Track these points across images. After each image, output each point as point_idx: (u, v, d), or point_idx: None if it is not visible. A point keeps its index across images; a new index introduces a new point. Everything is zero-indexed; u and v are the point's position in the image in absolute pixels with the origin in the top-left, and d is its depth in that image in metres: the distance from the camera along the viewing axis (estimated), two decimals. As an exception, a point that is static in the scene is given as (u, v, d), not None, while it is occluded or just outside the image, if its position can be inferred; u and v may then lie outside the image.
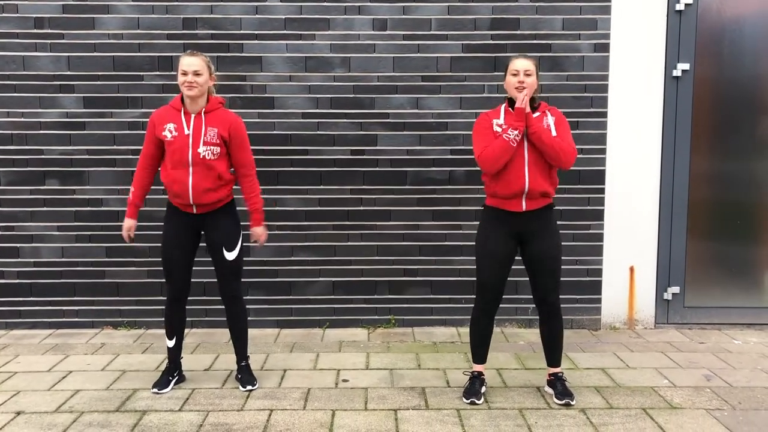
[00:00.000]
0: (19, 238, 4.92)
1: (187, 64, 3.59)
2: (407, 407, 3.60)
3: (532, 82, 3.49)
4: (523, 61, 3.51)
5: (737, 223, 5.02)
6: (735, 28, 4.89)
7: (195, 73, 3.58)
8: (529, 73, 3.49)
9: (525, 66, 3.49)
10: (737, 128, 4.97)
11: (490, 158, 3.47)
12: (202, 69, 3.60)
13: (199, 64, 3.60)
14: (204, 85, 3.63)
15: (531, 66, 3.50)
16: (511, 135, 3.44)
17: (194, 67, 3.58)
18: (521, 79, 3.47)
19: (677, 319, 5.06)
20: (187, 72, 3.58)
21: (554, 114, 3.59)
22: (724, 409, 3.60)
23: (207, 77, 3.64)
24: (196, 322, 4.97)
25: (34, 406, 3.61)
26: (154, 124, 3.70)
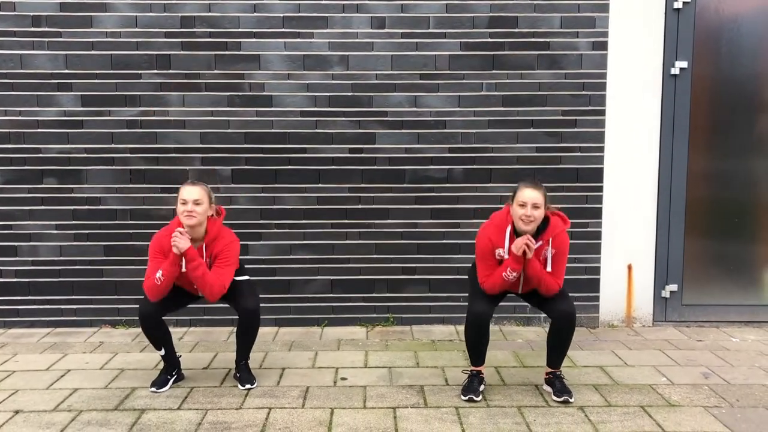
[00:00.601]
0: (18, 236, 4.91)
1: (187, 194, 3.61)
2: (406, 405, 3.61)
3: (539, 214, 3.48)
4: (533, 193, 3.47)
5: (735, 221, 5.03)
6: (733, 26, 4.89)
7: (195, 202, 3.60)
8: (537, 206, 3.47)
9: (533, 199, 3.46)
10: (735, 126, 4.97)
11: (491, 288, 3.64)
12: (202, 198, 3.62)
13: (200, 193, 3.62)
14: (203, 214, 3.64)
15: (540, 199, 3.47)
16: (510, 276, 3.56)
17: (194, 197, 3.60)
18: (528, 213, 3.46)
19: (675, 317, 5.07)
20: (186, 201, 3.59)
21: (556, 245, 3.58)
22: (722, 406, 3.60)
23: (207, 206, 3.65)
24: (194, 321, 4.97)
25: (32, 405, 3.61)
26: (161, 248, 3.65)
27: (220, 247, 3.71)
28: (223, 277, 3.68)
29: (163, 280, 3.58)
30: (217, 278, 3.66)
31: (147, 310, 3.69)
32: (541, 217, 3.51)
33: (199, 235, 3.68)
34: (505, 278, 3.57)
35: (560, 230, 3.59)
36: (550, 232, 3.57)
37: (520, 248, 3.47)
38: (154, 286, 3.60)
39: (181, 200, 3.61)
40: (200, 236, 3.69)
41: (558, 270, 3.62)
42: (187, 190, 3.64)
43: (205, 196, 3.65)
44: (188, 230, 3.62)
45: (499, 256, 3.61)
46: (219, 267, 3.69)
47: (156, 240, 3.70)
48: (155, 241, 3.70)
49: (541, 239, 3.57)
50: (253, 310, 3.79)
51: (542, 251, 3.58)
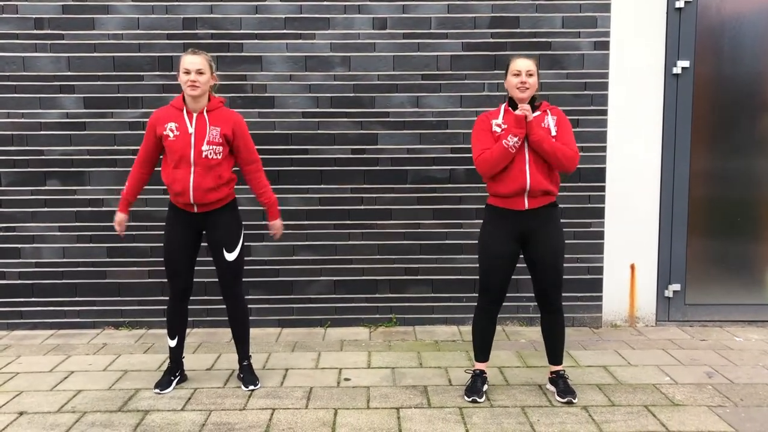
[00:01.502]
0: (21, 238, 4.92)
1: (190, 63, 3.58)
2: (409, 406, 3.61)
3: (534, 82, 3.49)
4: (525, 61, 3.49)
5: (738, 220, 5.03)
6: (735, 25, 4.89)
7: (198, 71, 3.57)
8: (531, 73, 3.48)
9: (527, 66, 3.48)
10: (737, 125, 4.97)
11: (487, 162, 3.48)
12: (204, 68, 3.60)
13: (202, 62, 3.60)
14: (206, 84, 3.62)
15: (533, 66, 3.50)
16: (510, 142, 3.43)
17: (197, 66, 3.57)
18: (523, 79, 3.46)
19: (678, 317, 5.06)
20: (189, 71, 3.57)
21: (555, 114, 3.57)
22: (726, 406, 3.60)
23: (209, 76, 3.63)
24: (197, 322, 4.97)
25: (36, 407, 3.62)
26: (154, 124, 3.69)
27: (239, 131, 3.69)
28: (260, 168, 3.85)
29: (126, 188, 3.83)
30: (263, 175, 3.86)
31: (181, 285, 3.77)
32: (536, 84, 3.50)
33: (200, 106, 3.65)
34: (506, 146, 3.41)
35: (553, 106, 3.60)
36: (545, 105, 3.58)
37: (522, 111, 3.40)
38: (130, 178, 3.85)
39: (184, 70, 3.58)
40: (201, 106, 3.66)
41: (566, 135, 3.50)
42: (189, 59, 3.60)
43: (207, 66, 3.62)
44: (190, 100, 3.62)
45: (497, 126, 3.53)
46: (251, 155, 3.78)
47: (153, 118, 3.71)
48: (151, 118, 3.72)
49: (537, 111, 3.54)
50: (233, 294, 3.82)
51: (543, 119, 3.52)
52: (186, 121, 3.63)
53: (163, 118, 3.67)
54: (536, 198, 3.54)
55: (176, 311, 3.85)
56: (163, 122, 3.66)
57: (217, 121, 3.66)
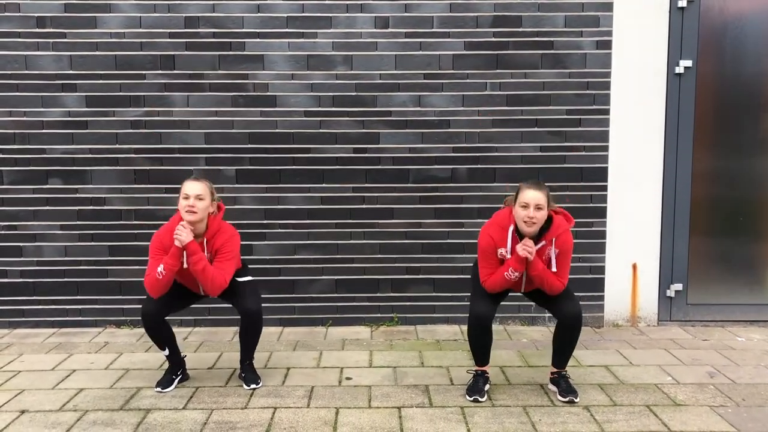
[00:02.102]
0: (22, 237, 4.92)
1: (190, 189, 3.61)
2: (411, 405, 3.60)
3: (542, 216, 3.46)
4: (536, 194, 3.44)
5: (740, 220, 5.02)
6: (738, 25, 4.88)
7: (197, 197, 3.60)
8: (540, 207, 3.44)
9: (536, 200, 3.43)
10: (740, 125, 4.96)
11: (492, 287, 3.64)
12: (204, 194, 3.62)
13: (202, 189, 3.62)
14: (204, 210, 3.64)
15: (543, 199, 3.44)
16: (512, 276, 3.55)
17: (196, 192, 3.60)
18: (531, 214, 3.44)
19: (680, 317, 5.06)
20: (189, 196, 3.59)
21: (559, 244, 3.56)
22: (728, 405, 3.60)
23: (208, 202, 3.65)
24: (199, 321, 4.98)
25: (38, 405, 3.62)
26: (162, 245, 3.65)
27: (220, 242, 3.72)
28: (224, 272, 3.68)
29: (164, 274, 3.58)
30: (219, 272, 3.66)
31: (149, 309, 3.69)
32: (544, 218, 3.49)
33: (200, 231, 3.69)
34: (507, 278, 3.56)
35: (564, 230, 3.57)
36: (554, 231, 3.55)
37: (523, 252, 3.47)
38: (156, 281, 3.60)
39: (184, 195, 3.62)
40: (201, 232, 3.69)
41: (562, 270, 3.60)
42: (190, 185, 3.64)
43: (207, 192, 3.66)
44: (189, 226, 3.63)
45: (501, 256, 3.60)
46: (220, 261, 3.70)
47: (157, 237, 3.71)
48: (156, 239, 3.70)
49: (544, 239, 3.55)
50: (254, 311, 3.79)
51: (545, 251, 3.57)
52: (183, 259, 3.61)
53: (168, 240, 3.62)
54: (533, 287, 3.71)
55: (152, 329, 3.74)
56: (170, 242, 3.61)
57: (215, 244, 3.71)
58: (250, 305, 3.79)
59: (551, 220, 3.57)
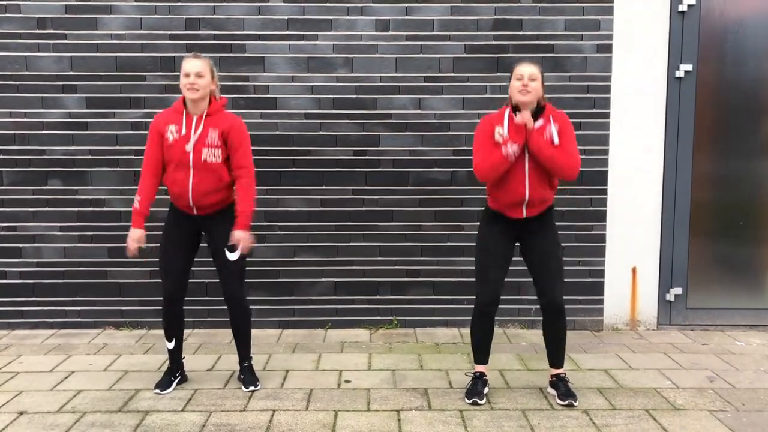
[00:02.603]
0: (22, 238, 4.92)
1: (190, 67, 3.58)
2: (410, 408, 3.60)
3: (536, 87, 3.47)
4: (529, 66, 3.49)
5: (740, 224, 5.02)
6: (738, 29, 4.88)
7: (197, 75, 3.57)
8: (534, 78, 3.46)
9: (530, 71, 3.47)
10: (740, 129, 4.96)
11: (486, 170, 3.49)
12: (204, 71, 3.59)
13: (202, 66, 3.59)
14: (206, 87, 3.61)
15: (536, 71, 3.48)
16: (510, 150, 3.43)
17: (196, 69, 3.57)
18: (525, 82, 3.45)
19: (680, 321, 5.05)
20: (189, 74, 3.57)
21: (558, 121, 3.53)
22: (727, 410, 3.59)
23: (209, 80, 3.63)
24: (198, 323, 4.97)
25: (36, 407, 3.61)
26: (157, 127, 3.68)
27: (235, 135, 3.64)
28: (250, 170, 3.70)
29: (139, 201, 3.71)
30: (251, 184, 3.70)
31: (170, 287, 3.72)
32: (538, 90, 3.48)
33: (200, 110, 3.64)
34: (506, 154, 3.42)
35: (558, 111, 3.58)
36: (549, 111, 3.55)
37: (521, 118, 3.40)
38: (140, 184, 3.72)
39: (184, 73, 3.58)
40: (201, 111, 3.64)
41: (569, 144, 3.47)
42: (190, 62, 3.59)
43: (207, 70, 3.61)
44: (190, 104, 3.61)
45: (498, 135, 3.49)
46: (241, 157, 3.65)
47: (154, 120, 3.70)
48: (153, 122, 3.69)
49: (541, 118, 3.52)
50: (235, 296, 3.78)
51: (546, 128, 3.50)
52: (184, 124, 3.63)
53: (164, 121, 3.67)
54: (534, 207, 3.57)
55: (170, 313, 3.82)
56: (165, 125, 3.66)
57: (216, 124, 3.65)
58: (231, 288, 3.77)
59: (543, 108, 3.55)
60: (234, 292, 3.80)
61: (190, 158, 3.62)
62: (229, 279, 3.79)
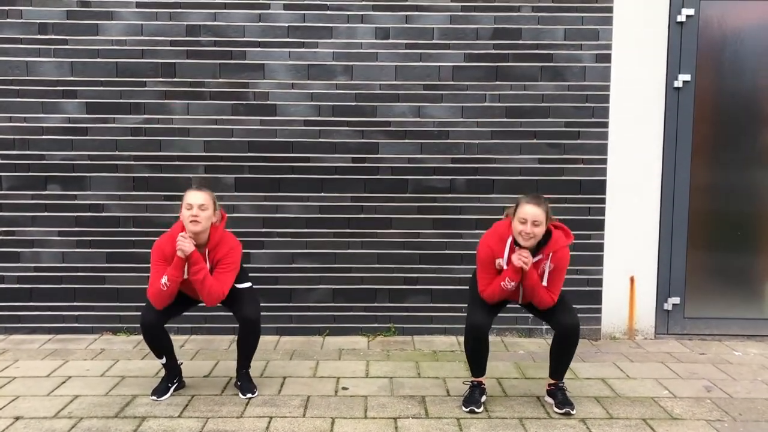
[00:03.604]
0: (20, 242, 4.91)
1: (193, 199, 3.60)
2: (407, 416, 3.59)
3: (539, 232, 3.48)
4: (534, 210, 3.45)
5: (738, 234, 5.03)
6: (736, 39, 4.91)
7: (200, 207, 3.59)
8: (538, 224, 3.46)
9: (534, 216, 3.45)
10: (738, 139, 4.98)
11: (490, 297, 3.65)
12: (207, 204, 3.62)
13: (205, 198, 3.62)
14: (208, 219, 3.63)
15: (541, 216, 3.46)
16: (509, 285, 3.57)
17: (200, 202, 3.59)
18: (528, 230, 3.46)
19: (677, 330, 5.05)
20: (192, 206, 3.58)
21: (555, 261, 3.58)
22: (724, 420, 3.59)
23: (211, 212, 3.64)
24: (195, 329, 4.96)
25: (33, 412, 3.60)
26: (164, 254, 3.65)
27: (222, 252, 3.71)
28: (223, 284, 3.67)
29: (168, 285, 3.58)
30: (218, 284, 3.65)
31: (149, 319, 3.67)
32: (542, 233, 3.50)
33: (202, 241, 3.67)
34: (504, 287, 3.57)
35: (561, 246, 3.57)
36: (551, 246, 3.56)
37: (518, 262, 3.49)
38: (160, 292, 3.60)
39: (187, 205, 3.61)
40: (203, 242, 3.68)
41: (554, 285, 3.61)
42: (193, 195, 3.63)
43: (210, 202, 3.65)
44: (192, 236, 3.62)
45: (498, 266, 3.61)
46: (220, 273, 3.69)
47: (157, 246, 3.70)
48: (157, 248, 3.69)
49: (541, 253, 3.56)
50: (253, 319, 3.79)
51: (541, 265, 3.58)
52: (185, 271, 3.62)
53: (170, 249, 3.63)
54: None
55: (151, 337, 3.72)
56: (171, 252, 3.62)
57: (218, 253, 3.70)
58: (249, 313, 3.78)
59: (550, 234, 3.57)
60: (251, 314, 3.78)
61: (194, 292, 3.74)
62: (246, 303, 3.80)
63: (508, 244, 3.58)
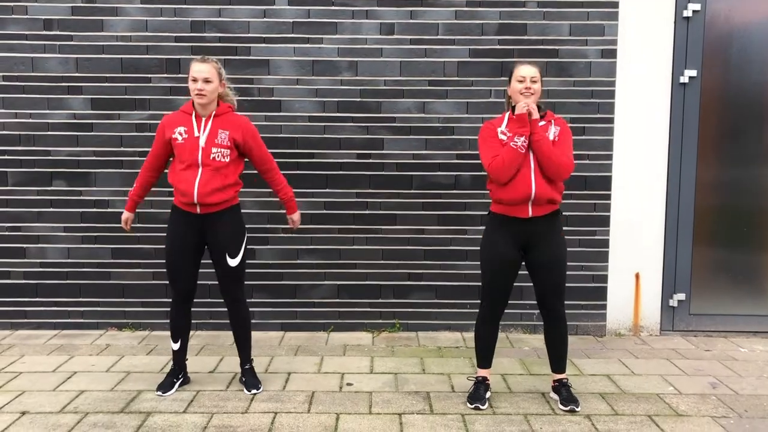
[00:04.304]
0: (26, 238, 4.93)
1: (197, 71, 3.61)
2: (412, 411, 3.60)
3: (538, 88, 3.52)
4: (530, 68, 3.53)
5: (744, 230, 5.01)
6: (743, 35, 4.88)
7: (205, 80, 3.60)
8: (535, 80, 3.51)
9: (531, 73, 3.51)
10: (744, 135, 4.96)
11: (500, 167, 3.46)
12: (212, 76, 3.62)
13: (209, 71, 3.62)
14: (213, 92, 3.65)
15: (537, 73, 3.53)
16: (518, 142, 3.44)
17: (204, 74, 3.60)
18: (528, 85, 3.49)
19: (683, 326, 5.04)
20: (197, 79, 3.60)
21: (558, 124, 3.59)
22: (730, 417, 3.58)
23: (217, 84, 3.66)
24: (200, 324, 4.97)
25: (38, 407, 3.62)
26: (164, 128, 3.74)
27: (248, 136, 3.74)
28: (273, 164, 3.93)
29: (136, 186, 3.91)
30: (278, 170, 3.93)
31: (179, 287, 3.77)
32: (540, 91, 3.53)
33: (208, 111, 3.69)
34: (515, 147, 3.43)
35: (558, 116, 3.63)
36: (550, 115, 3.60)
37: (524, 107, 3.44)
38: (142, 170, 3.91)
39: (192, 77, 3.62)
40: (210, 112, 3.70)
41: (565, 147, 3.54)
42: (197, 67, 3.62)
43: (215, 74, 3.64)
44: (199, 106, 3.66)
45: (501, 133, 3.54)
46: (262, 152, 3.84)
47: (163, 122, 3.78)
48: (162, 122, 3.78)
49: (543, 120, 3.55)
50: (235, 299, 3.83)
51: (548, 128, 3.54)
52: (194, 125, 3.67)
53: (172, 123, 3.72)
54: (540, 206, 3.54)
55: (179, 314, 3.86)
56: (173, 126, 3.70)
57: (225, 125, 3.69)
58: (231, 292, 3.82)
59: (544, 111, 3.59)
60: (235, 295, 3.83)
61: (199, 157, 3.64)
62: (231, 284, 3.81)
63: (506, 116, 3.60)
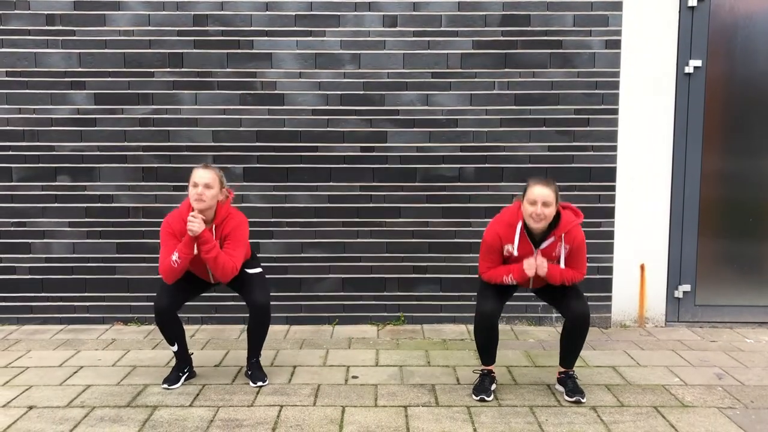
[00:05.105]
0: (31, 233, 4.94)
1: (199, 177, 3.63)
2: (417, 404, 3.60)
3: (549, 213, 3.44)
4: (542, 189, 3.42)
5: (749, 221, 4.99)
6: (748, 24, 4.85)
7: (206, 186, 3.62)
8: (548, 204, 3.42)
9: (544, 197, 3.41)
10: (749, 126, 4.93)
11: (488, 280, 3.65)
12: (213, 183, 3.64)
13: (211, 177, 3.64)
14: (213, 198, 3.66)
15: (550, 196, 3.42)
16: (509, 281, 3.59)
17: (205, 181, 3.62)
18: (538, 211, 3.42)
19: (688, 318, 5.03)
20: (198, 184, 3.61)
21: (569, 242, 3.53)
22: (736, 407, 3.58)
23: (217, 191, 3.67)
24: (206, 318, 4.99)
25: (46, 401, 3.63)
26: (173, 231, 3.69)
27: (229, 228, 3.74)
28: (235, 258, 3.71)
29: (179, 262, 3.62)
30: (229, 259, 3.69)
31: (162, 304, 3.70)
32: (552, 214, 3.47)
33: (208, 218, 3.70)
34: (504, 281, 3.59)
35: (573, 225, 3.54)
36: (563, 227, 3.53)
37: (531, 268, 3.49)
38: (171, 268, 3.64)
39: (193, 183, 3.64)
40: (210, 219, 3.71)
41: (578, 262, 3.59)
42: (199, 173, 3.65)
43: (216, 181, 3.67)
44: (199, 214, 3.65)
45: (507, 253, 3.59)
46: (229, 248, 3.72)
47: (167, 223, 3.73)
48: (166, 225, 3.73)
49: (553, 236, 3.54)
50: (263, 304, 3.80)
51: (556, 247, 3.56)
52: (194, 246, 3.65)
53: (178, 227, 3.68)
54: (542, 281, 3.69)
55: (164, 323, 3.76)
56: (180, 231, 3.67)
57: (225, 230, 3.74)
58: (259, 297, 3.80)
59: (559, 216, 3.55)
60: (261, 300, 3.80)
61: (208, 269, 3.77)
62: (256, 289, 3.82)
63: (518, 229, 3.55)
